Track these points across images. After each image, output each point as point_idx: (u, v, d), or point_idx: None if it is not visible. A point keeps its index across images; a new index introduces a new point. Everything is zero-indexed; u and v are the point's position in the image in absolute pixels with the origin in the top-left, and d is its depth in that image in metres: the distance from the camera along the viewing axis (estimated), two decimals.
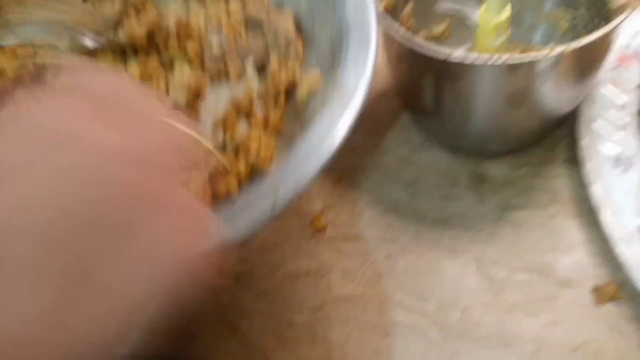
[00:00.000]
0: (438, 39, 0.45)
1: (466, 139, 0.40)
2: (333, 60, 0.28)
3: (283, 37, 0.31)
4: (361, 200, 0.41)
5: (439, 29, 0.45)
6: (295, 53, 0.31)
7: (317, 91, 0.29)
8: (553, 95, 0.35)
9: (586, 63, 0.35)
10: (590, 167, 0.37)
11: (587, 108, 0.40)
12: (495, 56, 0.32)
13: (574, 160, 0.40)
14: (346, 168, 0.42)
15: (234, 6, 0.32)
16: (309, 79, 0.29)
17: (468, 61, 0.32)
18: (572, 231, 0.37)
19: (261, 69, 0.32)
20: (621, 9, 0.33)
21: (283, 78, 0.30)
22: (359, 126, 0.25)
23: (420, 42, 0.33)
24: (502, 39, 0.40)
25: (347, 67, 0.26)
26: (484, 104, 0.36)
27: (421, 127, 0.43)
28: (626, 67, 0.42)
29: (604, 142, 0.38)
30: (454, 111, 0.37)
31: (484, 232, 0.38)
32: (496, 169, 0.41)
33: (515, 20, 0.39)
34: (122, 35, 0.30)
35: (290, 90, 0.30)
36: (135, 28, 0.30)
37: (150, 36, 0.30)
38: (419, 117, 0.42)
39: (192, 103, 0.29)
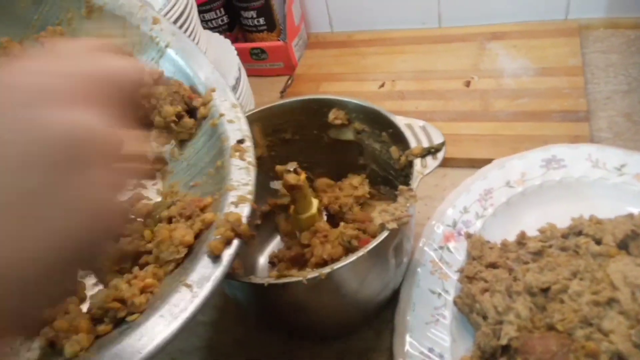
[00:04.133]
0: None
1: (298, 330, 0.41)
2: None
3: None
4: None
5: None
6: None
7: None
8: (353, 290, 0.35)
9: (359, 274, 0.34)
10: None
11: (405, 296, 0.39)
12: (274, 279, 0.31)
13: None
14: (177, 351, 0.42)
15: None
16: None
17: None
18: None
19: None
20: (380, 228, 0.32)
21: None
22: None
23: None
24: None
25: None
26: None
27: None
28: (452, 246, 0.42)
29: (415, 335, 0.37)
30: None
31: None
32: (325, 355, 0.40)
33: None
34: None
35: None
36: None
37: None
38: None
39: None
